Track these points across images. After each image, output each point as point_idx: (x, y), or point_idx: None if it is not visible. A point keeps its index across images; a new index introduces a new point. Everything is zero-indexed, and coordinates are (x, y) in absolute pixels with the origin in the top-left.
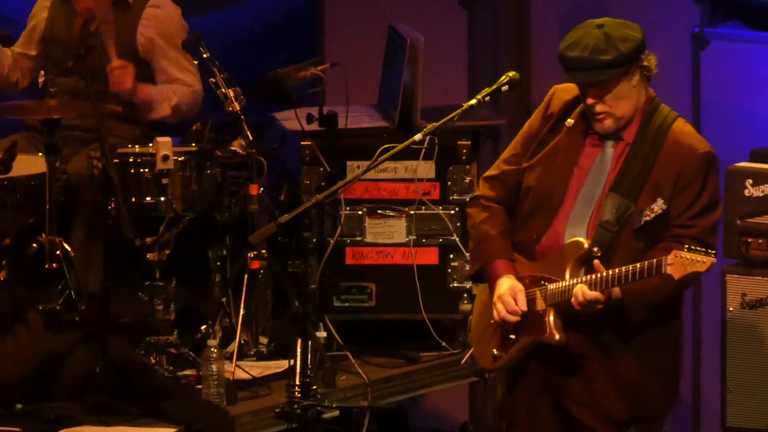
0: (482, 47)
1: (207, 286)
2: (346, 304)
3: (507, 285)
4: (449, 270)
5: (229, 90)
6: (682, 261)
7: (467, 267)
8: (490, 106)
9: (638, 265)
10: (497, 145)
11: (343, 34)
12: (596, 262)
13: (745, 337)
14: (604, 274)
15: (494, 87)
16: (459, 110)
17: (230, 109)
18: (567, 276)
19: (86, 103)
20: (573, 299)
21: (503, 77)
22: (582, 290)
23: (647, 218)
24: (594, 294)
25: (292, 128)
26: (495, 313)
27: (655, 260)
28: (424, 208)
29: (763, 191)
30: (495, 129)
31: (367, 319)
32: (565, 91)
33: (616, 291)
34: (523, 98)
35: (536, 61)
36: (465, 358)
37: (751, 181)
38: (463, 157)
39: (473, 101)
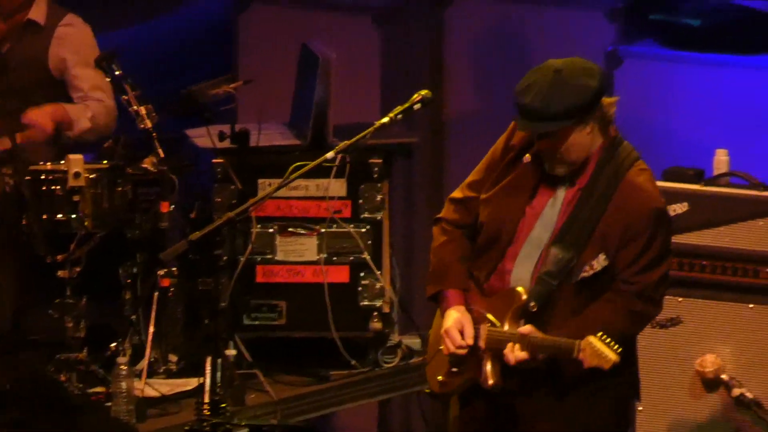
0: (395, 65)
1: (118, 304)
2: (257, 322)
3: (454, 318)
4: (360, 288)
5: (141, 107)
6: (592, 350)
7: (378, 285)
8: (403, 124)
9: (557, 341)
10: (410, 163)
11: (257, 52)
12: (529, 327)
13: (655, 357)
14: (532, 338)
15: (407, 105)
16: (371, 128)
17: (142, 126)
18: (506, 325)
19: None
20: (505, 355)
21: (416, 95)
22: (509, 352)
23: (585, 274)
24: (522, 355)
25: (204, 145)
26: (443, 346)
27: (569, 342)
28: (335, 226)
29: (674, 210)
30: (407, 147)
31: (278, 337)
32: None
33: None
34: (436, 116)
35: (449, 79)
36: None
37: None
38: (375, 176)
39: (386, 119)
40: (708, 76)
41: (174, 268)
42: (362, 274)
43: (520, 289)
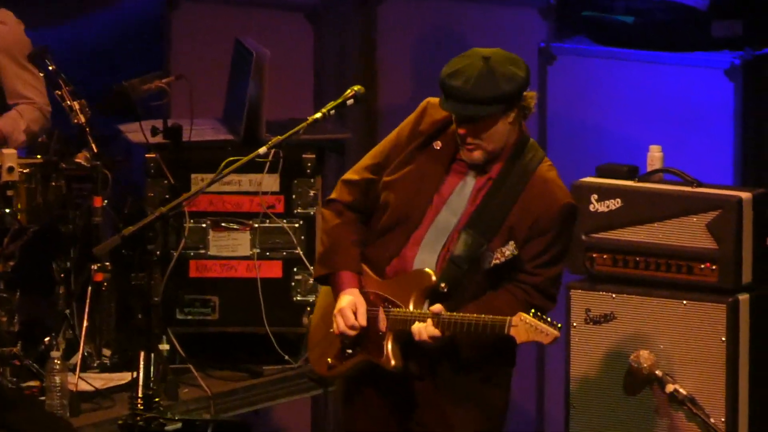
0: (328, 61)
1: (51, 298)
2: (190, 317)
3: (348, 299)
4: (293, 283)
5: (75, 102)
6: (527, 326)
7: (311, 280)
8: (336, 119)
9: (482, 318)
10: (342, 158)
11: (190, 47)
12: (439, 306)
13: (589, 353)
14: (447, 316)
15: (340, 101)
16: (304, 124)
17: (76, 121)
18: (411, 305)
19: None
20: (413, 332)
21: (349, 91)
22: (421, 328)
23: (497, 261)
24: (433, 331)
25: (136, 141)
26: (334, 325)
27: (498, 319)
28: (268, 221)
29: (608, 206)
30: (340, 143)
31: (211, 332)
32: (437, 108)
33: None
34: (369, 112)
35: (382, 75)
36: (301, 360)
37: (596, 196)
38: (308, 171)
39: (318, 115)
40: (641, 73)
41: (107, 263)
42: (295, 270)
43: (429, 270)
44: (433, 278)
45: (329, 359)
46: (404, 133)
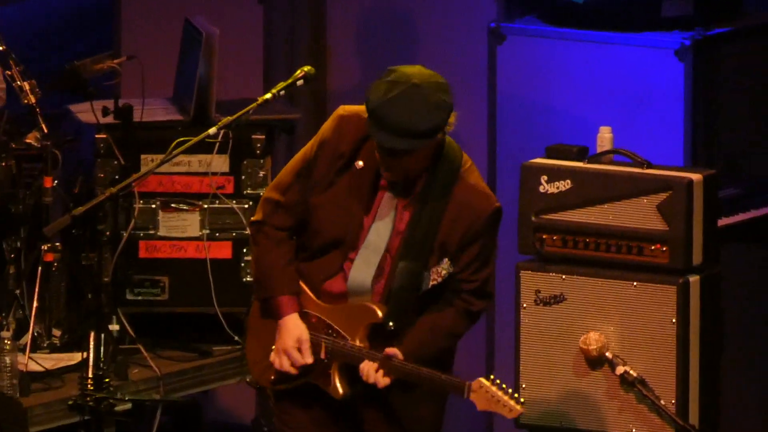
0: (278, 42)
1: (1, 278)
2: (139, 298)
3: (293, 335)
4: (242, 264)
5: (25, 83)
6: (487, 396)
7: None
8: (286, 100)
9: (439, 376)
10: (292, 139)
11: (140, 27)
12: (394, 350)
13: (538, 334)
14: (399, 364)
15: (289, 81)
16: (254, 104)
17: (26, 101)
18: (357, 341)
19: None
20: (362, 373)
21: (298, 71)
22: (371, 371)
23: (434, 282)
24: (387, 381)
25: (87, 121)
26: (277, 362)
27: (456, 381)
28: (218, 201)
29: (558, 188)
30: (290, 123)
31: (160, 313)
32: (351, 122)
33: (406, 364)
34: (319, 93)
35: (332, 55)
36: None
37: (546, 177)
38: (258, 151)
39: (268, 95)
40: (591, 53)
41: (58, 243)
42: (245, 250)
43: (375, 307)
44: (380, 314)
45: (272, 376)
46: (326, 153)
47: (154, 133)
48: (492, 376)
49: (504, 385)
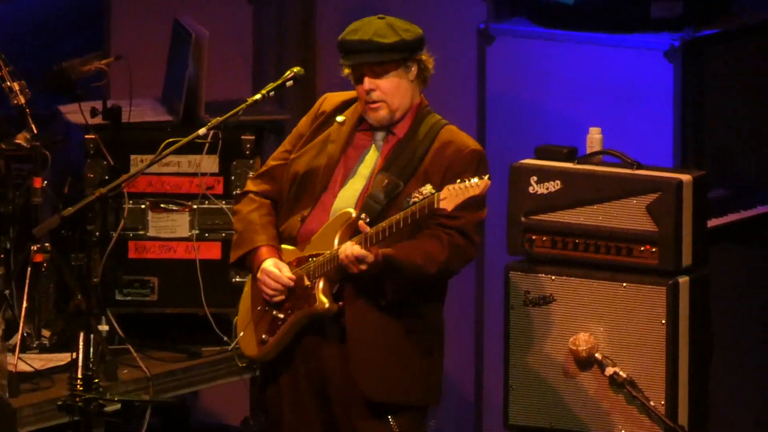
0: (267, 42)
1: None
2: (129, 298)
3: (270, 261)
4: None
5: (14, 83)
6: (455, 192)
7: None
8: (275, 101)
9: (409, 209)
10: (281, 140)
11: (129, 27)
12: (362, 222)
13: (527, 335)
14: (372, 231)
15: (279, 82)
16: (243, 105)
17: (15, 102)
18: (336, 245)
19: None
20: (340, 255)
21: (288, 72)
22: (348, 247)
23: (416, 199)
24: (361, 252)
25: (76, 121)
26: (263, 289)
27: (426, 199)
28: (207, 202)
29: (547, 188)
30: (279, 124)
31: (150, 313)
32: (336, 95)
33: (387, 249)
34: (308, 93)
35: (321, 56)
36: (232, 346)
37: (535, 178)
38: (247, 152)
39: (258, 96)
40: (581, 54)
41: (47, 244)
42: None
43: (349, 209)
44: (354, 213)
45: (262, 335)
46: (305, 122)
47: (143, 134)
48: (459, 180)
49: (468, 177)
